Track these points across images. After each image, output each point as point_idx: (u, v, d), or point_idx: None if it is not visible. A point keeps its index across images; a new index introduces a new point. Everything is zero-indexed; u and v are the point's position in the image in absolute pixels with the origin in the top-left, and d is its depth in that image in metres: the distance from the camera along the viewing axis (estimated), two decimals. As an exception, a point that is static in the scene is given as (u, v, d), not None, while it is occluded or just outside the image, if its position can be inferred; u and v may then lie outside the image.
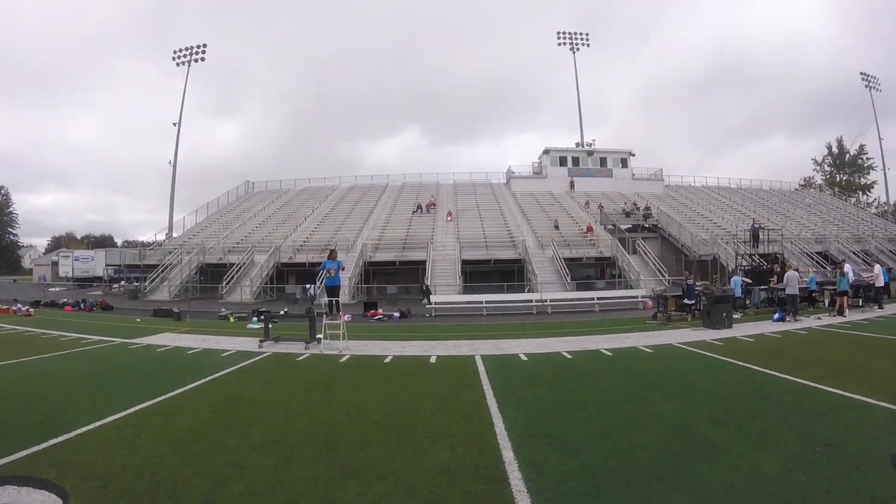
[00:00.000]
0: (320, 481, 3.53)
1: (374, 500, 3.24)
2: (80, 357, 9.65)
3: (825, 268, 23.64)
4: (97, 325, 14.96)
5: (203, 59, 43.40)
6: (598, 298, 18.67)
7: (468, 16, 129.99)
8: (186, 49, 43.31)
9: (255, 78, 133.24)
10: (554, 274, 23.21)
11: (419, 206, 34.69)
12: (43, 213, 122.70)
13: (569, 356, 8.80)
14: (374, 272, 26.39)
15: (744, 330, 11.78)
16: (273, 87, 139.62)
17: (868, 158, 60.01)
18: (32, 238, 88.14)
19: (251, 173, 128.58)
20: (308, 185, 45.58)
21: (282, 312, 15.59)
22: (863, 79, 49.84)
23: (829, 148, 64.68)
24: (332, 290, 11.10)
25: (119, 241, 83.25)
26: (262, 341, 10.62)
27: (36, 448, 4.19)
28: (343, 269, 11.01)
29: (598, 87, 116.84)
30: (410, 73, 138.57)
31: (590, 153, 42.35)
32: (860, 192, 60.04)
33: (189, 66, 43.31)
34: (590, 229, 28.40)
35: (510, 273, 24.65)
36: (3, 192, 72.30)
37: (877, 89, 49.66)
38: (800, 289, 14.33)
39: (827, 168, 64.74)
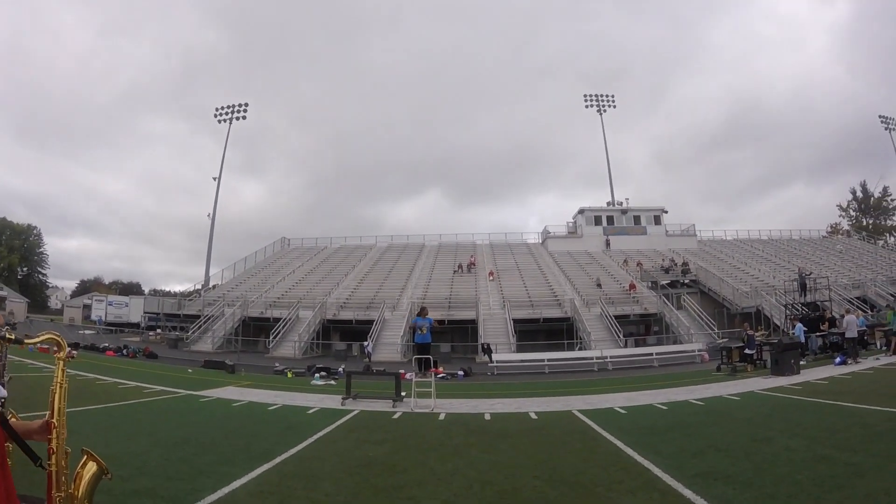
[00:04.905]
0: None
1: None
2: (154, 409, 9.25)
3: (866, 312, 24.01)
4: (149, 374, 14.69)
5: (245, 118, 46.62)
6: (657, 354, 19.37)
7: (486, 83, 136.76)
8: (228, 107, 46.54)
9: (276, 140, 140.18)
10: (605, 331, 23.93)
11: (460, 266, 36.09)
12: (68, 257, 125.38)
13: (664, 407, 9.25)
14: (424, 331, 27.31)
15: (812, 375, 12.33)
16: (294, 149, 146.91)
17: (892, 199, 61.05)
18: (58, 280, 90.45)
19: (272, 230, 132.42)
20: (344, 243, 47.16)
21: (340, 370, 16.39)
22: (881, 121, 50.73)
23: (854, 193, 65.68)
24: (423, 348, 11.05)
25: (146, 289, 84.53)
26: (344, 398, 10.48)
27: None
28: (435, 327, 11.60)
29: (618, 146, 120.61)
30: (430, 137, 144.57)
31: (624, 211, 43.59)
32: (888, 235, 60.16)
33: (230, 123, 46.22)
34: (632, 286, 29.30)
35: (558, 331, 25.25)
36: (35, 232, 74.20)
37: (896, 130, 50.33)
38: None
39: (852, 213, 65.49)
